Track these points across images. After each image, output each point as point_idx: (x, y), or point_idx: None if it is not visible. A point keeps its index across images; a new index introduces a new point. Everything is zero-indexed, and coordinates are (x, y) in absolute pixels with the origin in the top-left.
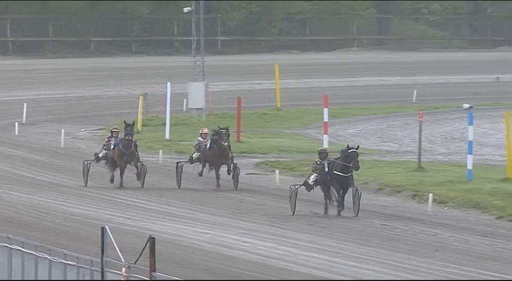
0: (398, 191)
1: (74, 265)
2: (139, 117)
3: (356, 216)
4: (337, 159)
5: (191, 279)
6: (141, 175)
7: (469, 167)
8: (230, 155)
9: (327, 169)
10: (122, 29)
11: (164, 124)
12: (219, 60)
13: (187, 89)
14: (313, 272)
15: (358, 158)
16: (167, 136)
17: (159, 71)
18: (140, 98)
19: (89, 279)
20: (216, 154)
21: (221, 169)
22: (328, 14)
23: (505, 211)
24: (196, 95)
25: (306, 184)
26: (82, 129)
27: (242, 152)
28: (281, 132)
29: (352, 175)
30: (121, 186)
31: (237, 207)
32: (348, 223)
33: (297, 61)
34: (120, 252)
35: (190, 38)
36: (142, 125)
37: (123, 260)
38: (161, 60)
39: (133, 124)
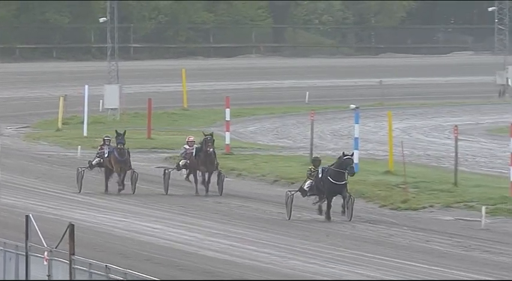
0: (292, 183)
1: (1, 250)
2: (60, 116)
3: (349, 220)
4: (331, 165)
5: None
6: (132, 181)
7: (355, 161)
8: (216, 161)
9: (320, 175)
10: (44, 37)
11: (82, 122)
12: (131, 65)
13: (103, 91)
14: (216, 255)
15: (353, 164)
16: (85, 133)
17: (78, 75)
18: (61, 99)
19: (14, 262)
20: (202, 160)
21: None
22: (230, 24)
23: (387, 200)
24: (111, 96)
25: (301, 189)
26: (8, 128)
27: (152, 148)
28: (188, 130)
29: (346, 181)
30: (120, 190)
31: (149, 197)
32: (247, 212)
33: (202, 66)
34: (43, 238)
35: (106, 45)
36: (63, 124)
37: (45, 245)
38: (80, 65)
39: (124, 133)
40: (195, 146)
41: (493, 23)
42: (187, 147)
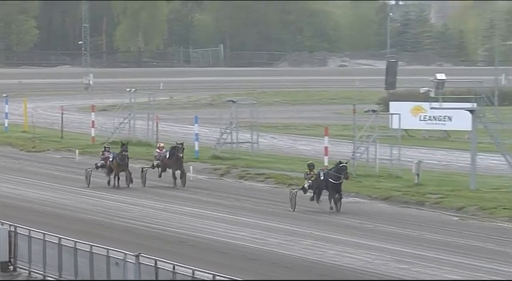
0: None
1: None
2: None
3: (338, 211)
4: (330, 170)
5: None
6: (127, 179)
7: (6, 125)
8: (183, 163)
9: (322, 177)
10: None
11: None
12: None
13: None
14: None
15: (348, 170)
16: None
17: None
18: None
19: None
20: (173, 162)
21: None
22: None
23: (25, 146)
24: None
25: (302, 188)
26: None
27: None
28: None
29: (341, 182)
30: (115, 186)
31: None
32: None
33: None
34: None
35: None
36: None
37: None
38: None
39: (127, 143)
40: (168, 150)
41: (81, 49)
42: (158, 151)
